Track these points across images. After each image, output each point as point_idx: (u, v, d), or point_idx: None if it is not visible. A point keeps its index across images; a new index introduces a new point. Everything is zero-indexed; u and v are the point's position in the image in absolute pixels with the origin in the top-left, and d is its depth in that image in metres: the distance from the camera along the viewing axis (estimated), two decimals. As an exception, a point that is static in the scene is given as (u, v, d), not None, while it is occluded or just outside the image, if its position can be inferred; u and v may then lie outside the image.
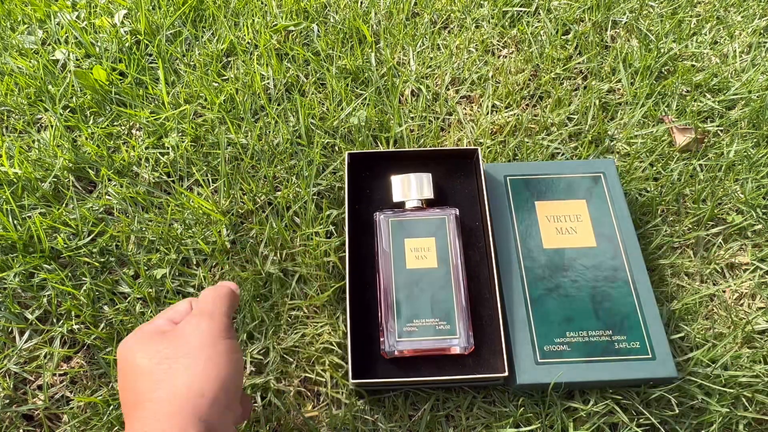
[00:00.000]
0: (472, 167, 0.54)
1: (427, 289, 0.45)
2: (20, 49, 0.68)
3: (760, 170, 0.57)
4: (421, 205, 0.50)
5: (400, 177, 0.50)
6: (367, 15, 0.70)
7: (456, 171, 0.54)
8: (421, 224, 0.48)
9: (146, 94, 0.64)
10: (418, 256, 0.46)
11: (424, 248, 0.47)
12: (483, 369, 0.45)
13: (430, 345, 0.43)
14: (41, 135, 0.60)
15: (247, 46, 0.68)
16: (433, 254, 0.46)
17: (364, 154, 0.53)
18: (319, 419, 0.45)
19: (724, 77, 0.63)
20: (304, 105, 0.61)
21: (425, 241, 0.47)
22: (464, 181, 0.54)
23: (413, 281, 0.45)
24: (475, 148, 0.52)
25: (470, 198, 0.53)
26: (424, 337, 0.43)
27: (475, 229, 0.51)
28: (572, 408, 0.45)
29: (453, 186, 0.53)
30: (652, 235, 0.53)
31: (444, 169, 0.54)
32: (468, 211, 0.52)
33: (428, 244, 0.47)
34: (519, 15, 0.70)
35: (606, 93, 0.63)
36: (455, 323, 0.44)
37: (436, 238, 0.47)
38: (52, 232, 0.54)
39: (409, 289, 0.45)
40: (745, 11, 0.70)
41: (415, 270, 0.46)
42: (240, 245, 0.53)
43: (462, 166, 0.54)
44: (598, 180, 0.52)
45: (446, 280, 0.45)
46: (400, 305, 0.44)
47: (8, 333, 0.50)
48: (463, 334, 0.44)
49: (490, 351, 0.45)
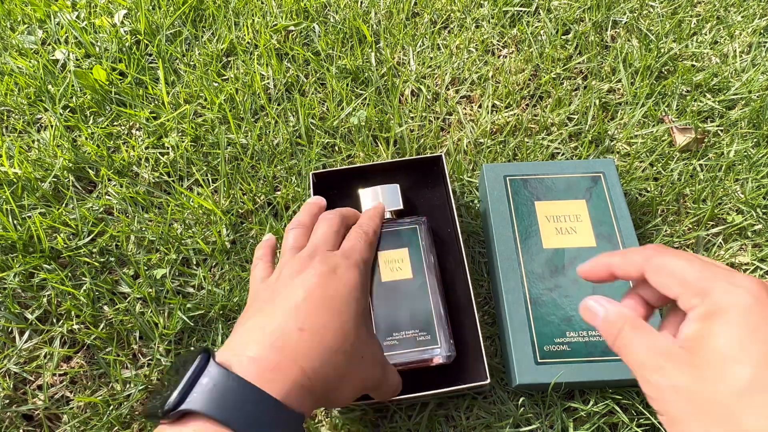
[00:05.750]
0: (439, 174, 0.54)
1: (405, 301, 0.44)
2: (20, 49, 0.68)
3: (760, 170, 0.56)
4: (392, 216, 0.49)
5: (368, 190, 0.50)
6: (367, 15, 0.70)
7: (424, 180, 0.54)
8: (392, 236, 0.47)
9: (146, 94, 0.64)
10: (393, 268, 0.45)
11: (398, 260, 0.46)
12: (467, 377, 0.44)
13: (412, 357, 0.42)
14: (41, 135, 0.60)
15: (247, 46, 0.68)
16: (408, 265, 0.46)
17: (329, 173, 0.52)
18: (320, 420, 0.45)
19: (725, 77, 0.63)
20: (304, 105, 0.61)
21: (398, 252, 0.46)
22: (433, 189, 0.53)
23: (389, 294, 0.45)
24: (439, 155, 0.52)
25: (441, 206, 0.52)
26: (405, 350, 0.42)
27: (448, 237, 0.51)
28: (572, 408, 0.45)
29: (422, 195, 0.53)
30: (652, 235, 0.53)
31: (412, 180, 0.54)
32: (440, 220, 0.52)
33: (401, 255, 0.46)
34: (519, 15, 0.70)
35: (606, 93, 0.63)
36: (435, 333, 0.43)
37: (409, 247, 0.46)
38: (52, 232, 0.54)
39: (387, 303, 0.44)
40: (745, 11, 0.70)
41: (391, 282, 0.45)
42: (240, 245, 0.53)
43: (430, 175, 0.54)
44: (597, 180, 0.52)
45: (423, 290, 0.45)
46: (379, 320, 0.43)
47: (8, 333, 0.50)
48: (444, 343, 0.43)
49: (473, 358, 0.45)
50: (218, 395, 0.27)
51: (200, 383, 0.27)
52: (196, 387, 0.27)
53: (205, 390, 0.27)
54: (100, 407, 0.46)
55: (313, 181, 0.52)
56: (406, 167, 0.54)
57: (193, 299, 0.50)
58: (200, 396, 0.27)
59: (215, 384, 0.27)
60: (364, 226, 0.43)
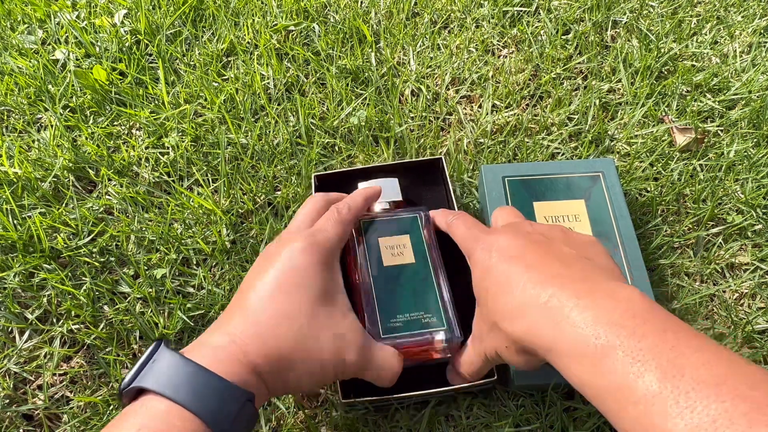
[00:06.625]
0: (439, 176, 0.54)
1: (407, 284, 0.44)
2: (20, 48, 0.68)
3: (760, 170, 0.56)
4: (389, 207, 0.49)
5: (366, 183, 0.50)
6: (367, 15, 0.70)
7: (425, 182, 0.54)
8: (393, 223, 0.47)
9: (146, 94, 0.64)
10: (394, 254, 0.45)
11: (399, 245, 0.46)
12: None
13: (416, 339, 0.41)
14: (41, 135, 0.61)
15: (247, 46, 0.68)
16: (409, 251, 0.46)
17: (331, 175, 0.53)
18: (320, 419, 0.45)
19: (725, 77, 0.63)
20: (304, 105, 0.61)
21: (399, 238, 0.46)
22: (434, 190, 0.54)
23: (392, 277, 0.44)
24: (439, 158, 0.53)
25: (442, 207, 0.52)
26: (409, 332, 0.42)
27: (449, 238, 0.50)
28: (572, 408, 0.45)
29: (423, 196, 0.54)
30: (652, 235, 0.53)
31: (412, 182, 0.54)
32: None
33: (403, 241, 0.46)
34: (519, 15, 0.70)
35: (606, 93, 0.63)
36: (440, 314, 0.42)
37: (410, 234, 0.46)
38: (52, 231, 0.54)
39: (389, 286, 0.44)
40: (745, 11, 0.70)
41: (393, 267, 0.45)
42: (240, 245, 0.53)
43: (431, 176, 0.54)
44: (596, 180, 0.52)
45: (426, 273, 0.44)
46: (382, 303, 0.43)
47: (8, 333, 0.50)
48: (448, 324, 0.42)
49: None
50: (165, 373, 0.30)
51: (151, 364, 0.31)
52: (147, 367, 0.31)
53: (154, 369, 0.31)
54: (100, 407, 0.46)
55: (315, 183, 0.52)
56: (407, 169, 0.54)
57: (193, 299, 0.50)
58: (150, 375, 0.30)
59: (164, 364, 0.31)
60: (340, 204, 0.43)
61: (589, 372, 0.28)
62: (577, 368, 0.28)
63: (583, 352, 0.28)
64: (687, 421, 0.23)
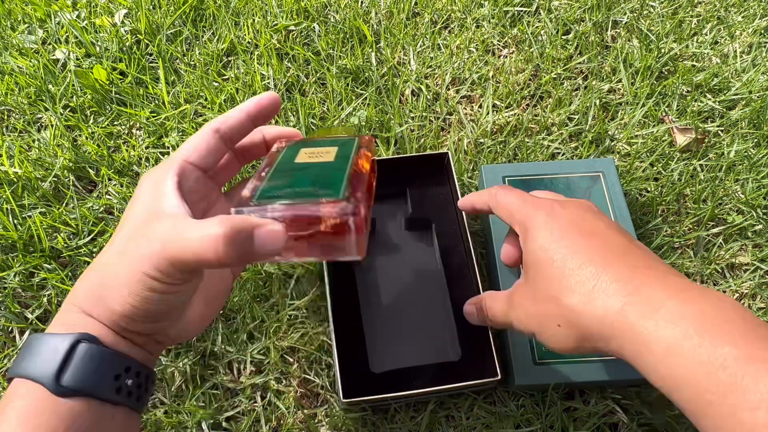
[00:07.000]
0: (444, 172, 0.53)
1: (312, 169, 0.34)
2: (20, 48, 0.68)
3: (760, 170, 0.56)
4: None
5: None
6: (368, 15, 0.70)
7: (430, 176, 0.53)
8: (327, 142, 0.38)
9: (146, 94, 0.64)
10: (312, 156, 0.36)
11: (323, 152, 0.36)
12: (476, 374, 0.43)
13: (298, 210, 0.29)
14: (41, 134, 0.61)
15: (248, 46, 0.68)
16: (332, 156, 0.35)
17: None
18: (319, 419, 0.45)
19: (725, 77, 0.63)
20: (304, 105, 0.61)
21: (326, 148, 0.37)
22: (438, 187, 0.53)
23: (299, 167, 0.34)
24: (445, 152, 0.52)
25: (446, 204, 0.52)
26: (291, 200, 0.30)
27: (453, 233, 0.50)
28: (572, 408, 0.45)
29: (426, 193, 0.53)
30: (653, 235, 0.53)
31: (417, 176, 0.53)
32: (445, 218, 0.51)
33: (328, 150, 0.36)
34: (519, 15, 0.70)
35: (606, 93, 0.63)
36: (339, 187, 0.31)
37: (339, 149, 0.36)
38: (52, 231, 0.54)
39: (290, 168, 0.34)
40: (745, 11, 0.70)
41: (304, 163, 0.34)
42: (240, 245, 0.53)
43: (434, 173, 0.53)
44: (597, 180, 0.52)
45: (343, 161, 0.34)
46: (276, 175, 0.33)
47: (8, 332, 0.50)
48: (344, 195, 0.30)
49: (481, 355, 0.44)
50: (23, 354, 0.30)
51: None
52: None
53: (19, 354, 0.30)
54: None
55: None
56: (413, 163, 0.53)
57: (193, 299, 0.50)
58: (15, 360, 0.30)
59: (25, 346, 0.30)
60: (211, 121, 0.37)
61: (684, 366, 0.27)
62: (673, 361, 0.27)
63: (681, 353, 0.27)
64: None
